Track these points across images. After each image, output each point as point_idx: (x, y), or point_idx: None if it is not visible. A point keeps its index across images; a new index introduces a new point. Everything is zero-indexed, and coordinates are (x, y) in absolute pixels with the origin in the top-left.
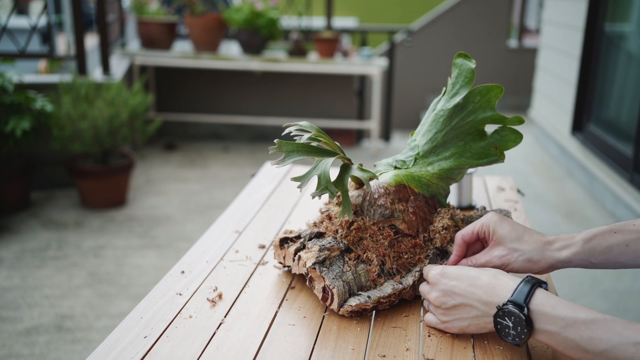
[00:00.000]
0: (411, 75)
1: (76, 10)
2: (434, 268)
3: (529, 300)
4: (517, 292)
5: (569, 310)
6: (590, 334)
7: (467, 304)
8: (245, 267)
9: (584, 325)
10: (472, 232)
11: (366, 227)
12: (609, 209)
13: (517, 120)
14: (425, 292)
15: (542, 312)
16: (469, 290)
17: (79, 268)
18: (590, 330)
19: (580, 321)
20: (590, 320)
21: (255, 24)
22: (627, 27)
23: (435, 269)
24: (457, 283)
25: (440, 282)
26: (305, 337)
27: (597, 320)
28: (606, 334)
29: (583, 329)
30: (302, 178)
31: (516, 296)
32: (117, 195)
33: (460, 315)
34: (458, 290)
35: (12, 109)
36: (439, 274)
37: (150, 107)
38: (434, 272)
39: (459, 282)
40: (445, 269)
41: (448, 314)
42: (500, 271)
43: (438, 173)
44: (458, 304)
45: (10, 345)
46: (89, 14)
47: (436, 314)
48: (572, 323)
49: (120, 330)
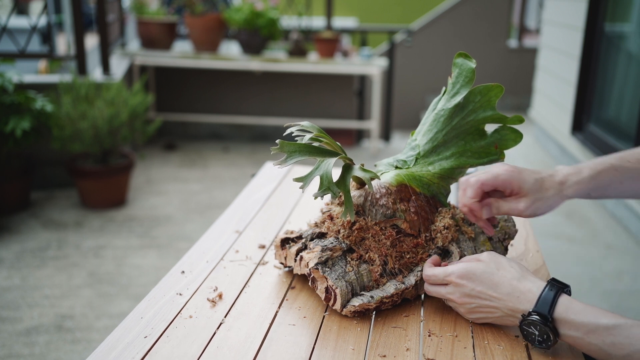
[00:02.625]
0: (411, 75)
1: (76, 10)
2: (455, 270)
3: (552, 309)
4: (541, 301)
5: (592, 316)
6: (612, 339)
7: (492, 307)
8: (246, 267)
9: (606, 331)
10: (492, 184)
11: (368, 227)
12: (609, 209)
13: (517, 119)
14: (447, 293)
15: (565, 319)
16: (494, 297)
17: (79, 268)
18: (612, 335)
19: (602, 327)
20: (612, 325)
21: (255, 24)
22: (627, 27)
23: (457, 271)
24: (483, 289)
25: (466, 285)
26: (306, 337)
27: (619, 325)
28: (628, 339)
29: (605, 334)
30: (304, 178)
31: (540, 306)
32: (117, 195)
33: (485, 315)
34: (484, 296)
35: (12, 109)
36: (463, 277)
37: (150, 107)
38: (457, 275)
39: (484, 287)
40: (470, 270)
41: (473, 312)
42: (523, 273)
43: (439, 172)
44: (484, 306)
45: (10, 345)
46: (89, 14)
47: (459, 309)
48: (594, 329)
49: (121, 330)
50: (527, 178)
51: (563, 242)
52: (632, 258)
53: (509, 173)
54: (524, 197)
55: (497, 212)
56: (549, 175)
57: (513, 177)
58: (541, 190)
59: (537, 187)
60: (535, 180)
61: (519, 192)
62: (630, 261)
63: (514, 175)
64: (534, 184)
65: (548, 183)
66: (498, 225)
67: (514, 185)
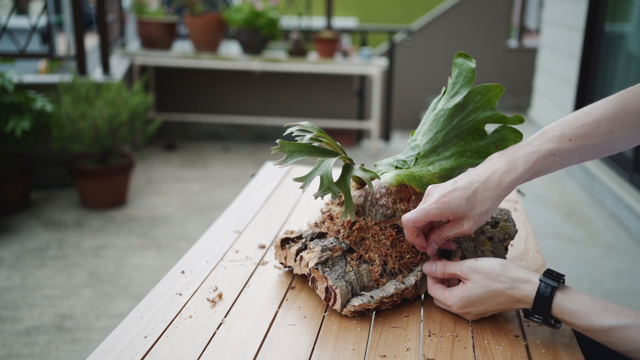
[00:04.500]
0: (411, 75)
1: (76, 10)
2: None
3: (549, 310)
4: (537, 305)
5: (586, 318)
6: (607, 339)
7: (499, 308)
8: (246, 267)
9: (601, 332)
10: (424, 220)
11: (368, 227)
12: (609, 209)
13: (517, 119)
14: (448, 308)
15: (562, 318)
16: (499, 306)
17: (79, 268)
18: (607, 336)
19: (596, 329)
20: (606, 328)
21: (255, 24)
22: (627, 27)
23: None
24: (487, 306)
25: (470, 312)
26: (306, 337)
27: (613, 328)
28: (622, 340)
29: (600, 335)
30: (305, 178)
31: (538, 309)
32: (117, 195)
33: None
34: (491, 309)
35: (12, 109)
36: (464, 307)
37: (150, 107)
38: (458, 307)
39: (485, 305)
40: (466, 299)
41: (475, 316)
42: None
43: (439, 172)
44: (485, 310)
45: (10, 345)
46: (89, 14)
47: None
48: (589, 330)
49: (120, 330)
50: (458, 203)
51: (563, 242)
52: (632, 258)
53: (437, 207)
54: (464, 219)
55: (443, 240)
56: (481, 184)
57: (443, 209)
58: (476, 205)
59: (471, 205)
60: (467, 200)
61: (457, 217)
62: (630, 261)
63: (444, 207)
64: (467, 205)
65: (482, 195)
66: (498, 225)
67: (448, 215)
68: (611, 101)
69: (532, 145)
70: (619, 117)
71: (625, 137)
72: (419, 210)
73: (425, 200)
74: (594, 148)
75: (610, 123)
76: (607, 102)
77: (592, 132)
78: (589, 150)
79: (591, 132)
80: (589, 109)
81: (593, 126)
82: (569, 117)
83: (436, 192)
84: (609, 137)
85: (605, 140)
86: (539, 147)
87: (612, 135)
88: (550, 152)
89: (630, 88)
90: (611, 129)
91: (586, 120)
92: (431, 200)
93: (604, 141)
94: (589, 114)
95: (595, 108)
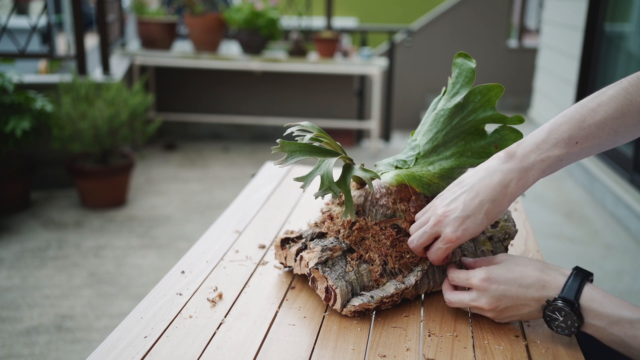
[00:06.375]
0: (411, 75)
1: (76, 10)
2: (475, 274)
3: (579, 296)
4: (567, 288)
5: (615, 308)
6: (634, 332)
7: (520, 304)
8: (246, 267)
9: (629, 324)
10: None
11: (368, 227)
12: (609, 209)
13: (517, 119)
14: (471, 301)
15: (589, 308)
16: (520, 292)
17: (79, 268)
18: (635, 329)
19: (625, 320)
20: (635, 320)
21: (255, 24)
22: (627, 27)
23: (477, 274)
24: (507, 287)
25: (490, 288)
26: (306, 337)
27: None
28: None
29: (628, 327)
30: (305, 178)
31: (566, 292)
32: (117, 195)
33: (513, 314)
34: (510, 294)
35: (12, 109)
36: (485, 280)
37: (150, 107)
38: (479, 279)
39: (508, 285)
40: (490, 273)
41: (502, 314)
42: (544, 264)
43: (439, 172)
44: (512, 305)
45: (10, 345)
46: (89, 14)
47: (487, 314)
48: (617, 321)
49: (120, 330)
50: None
51: (563, 242)
52: (632, 258)
53: (456, 245)
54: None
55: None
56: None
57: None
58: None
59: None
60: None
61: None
62: (630, 261)
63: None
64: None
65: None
66: (498, 225)
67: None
68: (616, 98)
69: (541, 150)
70: (624, 115)
71: (628, 135)
72: (443, 250)
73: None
74: (597, 147)
75: (615, 122)
76: (612, 100)
77: (598, 132)
78: (592, 150)
79: (597, 133)
80: (594, 106)
81: (599, 127)
82: (574, 113)
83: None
84: (613, 136)
85: (610, 139)
86: (548, 154)
87: (617, 134)
88: (558, 158)
89: (633, 81)
90: (615, 128)
91: (592, 120)
92: (448, 232)
93: (608, 140)
94: (594, 112)
95: (600, 105)
